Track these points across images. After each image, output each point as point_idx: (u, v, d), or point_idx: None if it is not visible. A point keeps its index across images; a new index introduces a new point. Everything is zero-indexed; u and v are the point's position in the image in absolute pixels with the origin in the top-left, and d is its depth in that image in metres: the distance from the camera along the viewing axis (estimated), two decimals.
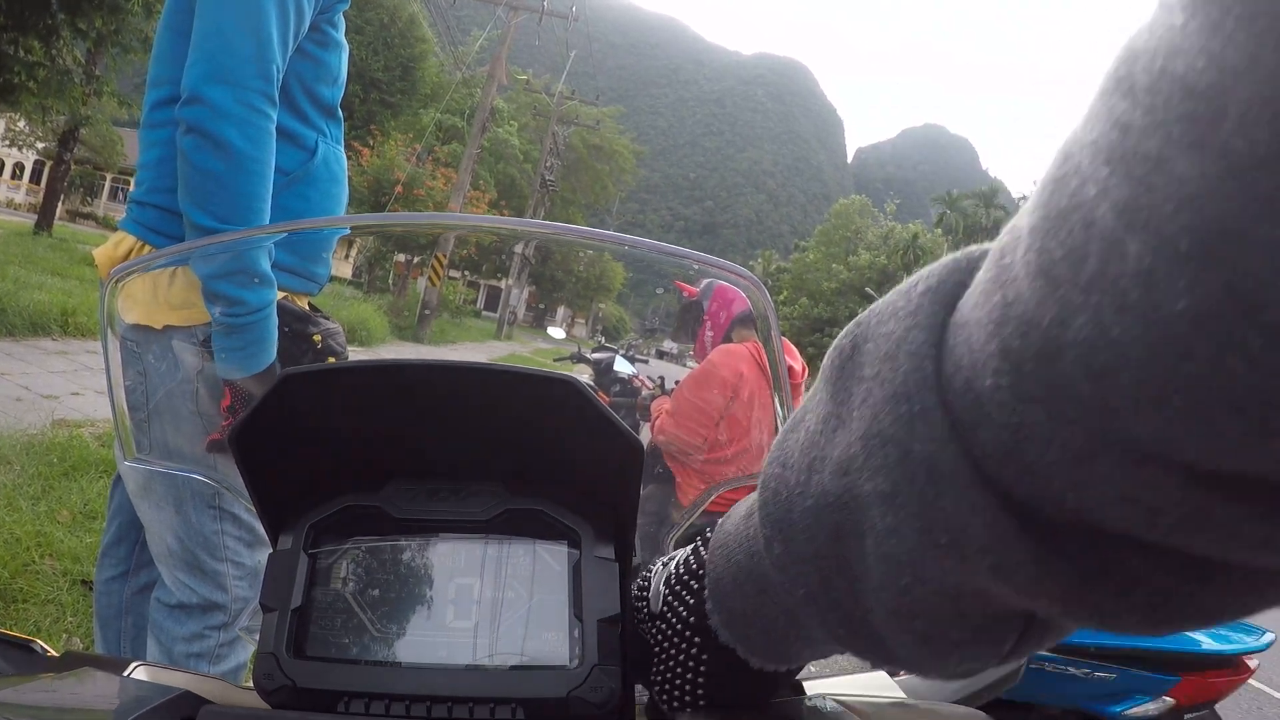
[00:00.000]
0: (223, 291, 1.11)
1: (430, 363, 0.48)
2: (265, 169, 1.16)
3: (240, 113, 1.12)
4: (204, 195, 1.14)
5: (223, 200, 1.13)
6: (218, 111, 1.12)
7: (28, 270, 8.25)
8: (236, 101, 1.12)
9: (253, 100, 1.14)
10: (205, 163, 1.13)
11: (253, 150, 1.14)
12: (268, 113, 1.16)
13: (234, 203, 1.14)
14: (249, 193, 1.14)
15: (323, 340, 1.28)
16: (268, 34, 1.14)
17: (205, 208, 1.14)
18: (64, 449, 3.44)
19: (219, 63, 1.13)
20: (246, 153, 1.13)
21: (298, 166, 1.30)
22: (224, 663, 1.33)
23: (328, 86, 1.34)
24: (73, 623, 2.23)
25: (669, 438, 2.36)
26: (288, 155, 1.28)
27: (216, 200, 1.14)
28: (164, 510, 1.29)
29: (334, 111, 1.38)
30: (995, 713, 0.54)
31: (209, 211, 1.14)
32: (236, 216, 1.14)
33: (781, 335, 0.58)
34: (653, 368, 5.74)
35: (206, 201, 1.14)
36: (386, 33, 26.90)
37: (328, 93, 1.34)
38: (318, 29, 1.28)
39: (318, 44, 1.29)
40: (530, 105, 34.89)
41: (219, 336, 1.14)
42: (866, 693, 0.57)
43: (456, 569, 0.49)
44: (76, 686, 0.48)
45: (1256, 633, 2.13)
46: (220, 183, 1.13)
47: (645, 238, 0.52)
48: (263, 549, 1.34)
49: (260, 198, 1.16)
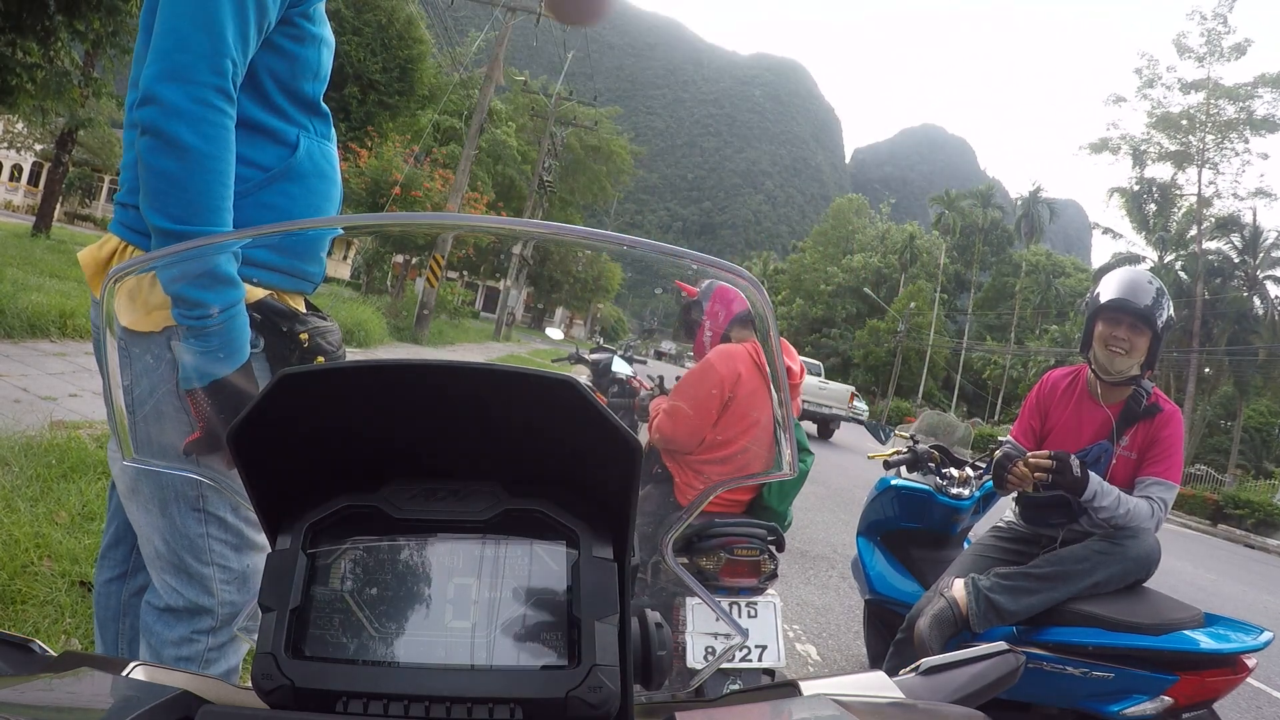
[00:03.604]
0: (183, 294, 1.07)
1: (428, 363, 0.48)
2: (223, 166, 1.14)
3: (194, 110, 1.10)
4: (160, 197, 1.11)
5: (178, 201, 1.11)
6: (171, 110, 1.09)
7: (26, 272, 8.24)
8: (190, 99, 1.10)
9: (207, 96, 1.11)
10: (160, 163, 1.10)
11: (208, 147, 1.11)
12: (223, 108, 1.13)
13: (190, 202, 1.11)
14: (206, 191, 1.11)
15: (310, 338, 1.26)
16: (221, 29, 1.12)
17: (162, 209, 1.11)
18: (62, 450, 3.43)
19: (172, 61, 1.10)
20: (202, 150, 1.10)
21: (278, 163, 1.28)
22: (213, 667, 1.32)
23: (309, 82, 1.32)
24: (71, 624, 2.23)
25: (667, 437, 2.36)
26: (266, 151, 1.27)
27: (172, 201, 1.11)
28: (150, 512, 1.28)
29: (317, 107, 1.36)
30: (994, 712, 0.54)
31: (166, 213, 1.11)
32: (195, 217, 1.11)
33: (780, 335, 0.58)
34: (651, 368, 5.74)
35: (163, 203, 1.11)
36: (384, 34, 26.83)
37: (309, 88, 1.33)
38: (291, 23, 1.26)
39: (292, 39, 1.27)
40: (528, 106, 34.83)
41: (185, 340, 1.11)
42: (865, 693, 0.57)
43: (455, 569, 0.49)
44: (75, 686, 0.48)
45: (1255, 632, 2.14)
46: (175, 183, 1.10)
47: (643, 238, 0.52)
48: (250, 553, 1.33)
49: (219, 196, 1.13)
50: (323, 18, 1.35)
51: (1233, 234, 34.18)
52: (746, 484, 1.72)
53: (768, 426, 0.62)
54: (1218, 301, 33.27)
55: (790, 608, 4.34)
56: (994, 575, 2.30)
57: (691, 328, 2.48)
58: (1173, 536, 13.55)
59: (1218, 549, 14.71)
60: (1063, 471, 2.22)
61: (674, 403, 2.52)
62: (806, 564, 5.55)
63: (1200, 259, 33.83)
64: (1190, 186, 35.49)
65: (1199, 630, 2.13)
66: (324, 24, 1.35)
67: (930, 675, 0.60)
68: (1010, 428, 2.72)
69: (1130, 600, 2.24)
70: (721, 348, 2.27)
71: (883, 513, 3.18)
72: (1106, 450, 2.36)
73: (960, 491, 3.02)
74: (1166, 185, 36.32)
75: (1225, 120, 34.03)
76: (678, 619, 2.15)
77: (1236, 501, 19.91)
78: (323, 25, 1.34)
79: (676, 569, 0.61)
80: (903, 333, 48.30)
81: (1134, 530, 2.25)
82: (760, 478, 0.70)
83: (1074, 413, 2.47)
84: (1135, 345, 2.31)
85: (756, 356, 2.03)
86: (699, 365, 2.41)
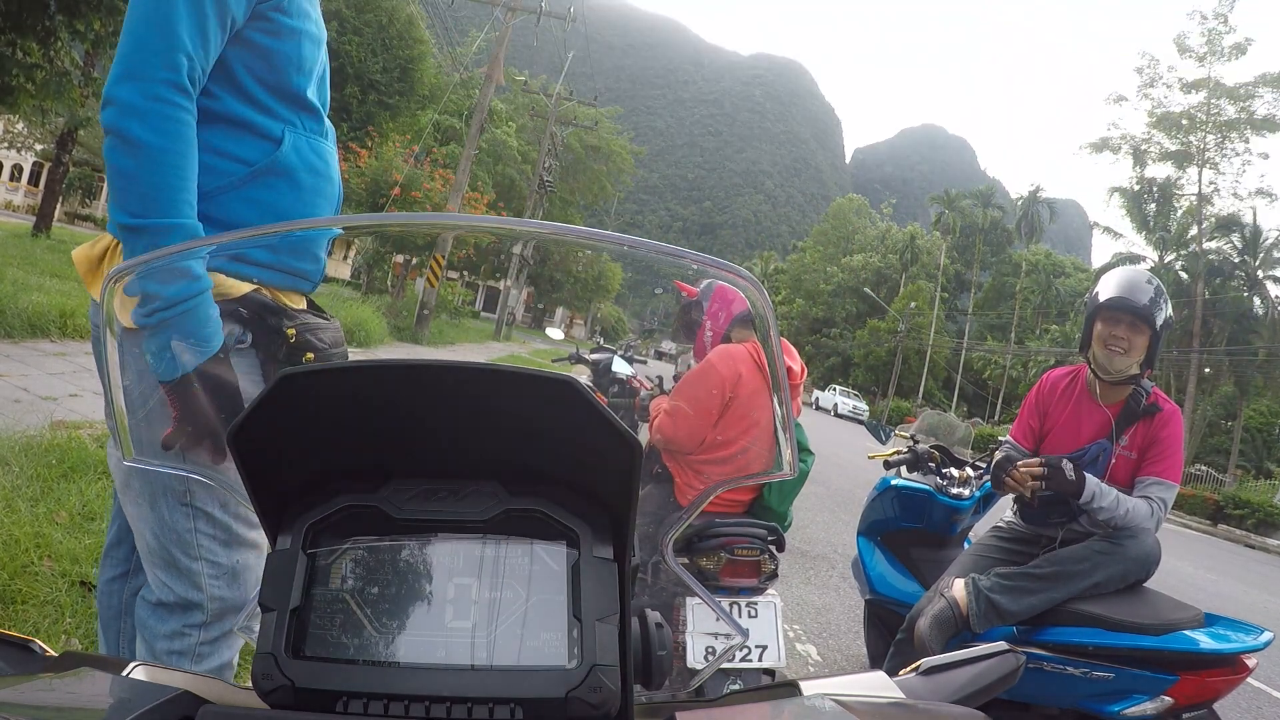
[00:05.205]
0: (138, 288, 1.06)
1: (429, 363, 0.48)
2: (179, 159, 1.15)
3: (145, 106, 1.12)
4: (119, 194, 1.13)
5: (133, 195, 1.13)
6: (125, 109, 1.12)
7: (26, 272, 8.25)
8: (142, 95, 1.12)
9: (160, 92, 1.13)
10: (117, 161, 1.13)
11: (161, 141, 1.13)
12: (177, 102, 1.15)
13: (144, 196, 1.12)
14: (161, 185, 1.13)
15: (298, 334, 1.26)
16: (173, 26, 1.14)
17: (121, 205, 1.13)
18: (62, 450, 3.43)
19: (127, 61, 1.13)
20: (154, 144, 1.12)
21: (263, 157, 1.29)
22: (206, 661, 1.32)
23: (293, 76, 1.32)
24: (71, 624, 2.23)
25: (667, 437, 2.36)
26: (249, 145, 1.28)
27: (128, 196, 1.13)
28: (141, 506, 1.29)
29: (306, 102, 1.36)
30: (994, 712, 0.54)
31: (124, 208, 1.13)
32: (150, 210, 1.12)
33: (780, 335, 0.58)
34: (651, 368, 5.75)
35: (122, 199, 1.13)
36: (384, 34, 26.86)
37: (295, 82, 1.33)
38: (264, 18, 1.27)
39: (265, 33, 1.28)
40: (528, 106, 34.83)
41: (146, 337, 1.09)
42: (865, 693, 0.57)
43: (455, 569, 0.49)
44: (75, 686, 0.48)
45: (1255, 632, 2.13)
46: (131, 179, 1.12)
47: (643, 238, 0.52)
48: (240, 549, 1.33)
49: (175, 189, 1.14)
50: (304, 12, 1.33)
51: (1233, 234, 34.15)
52: (747, 484, 1.72)
53: (768, 427, 0.62)
54: (1218, 301, 33.26)
55: (790, 608, 4.34)
56: (994, 575, 2.30)
57: (691, 328, 2.47)
58: (1173, 536, 13.54)
59: (1218, 549, 14.70)
60: (1054, 477, 2.22)
61: (674, 403, 2.51)
62: (806, 564, 5.55)
63: (1200, 259, 33.81)
64: (1190, 186, 35.49)
65: (1199, 630, 2.13)
66: (305, 18, 1.34)
67: (930, 675, 0.60)
68: (1010, 427, 2.72)
69: (1130, 600, 2.24)
70: (722, 348, 2.27)
71: (883, 513, 3.18)
72: (1105, 449, 2.36)
73: (960, 491, 3.02)
74: (1167, 185, 36.29)
75: (1225, 120, 34.00)
76: (678, 619, 2.15)
77: (1237, 501, 19.90)
78: (303, 19, 1.33)
79: (677, 569, 0.61)
80: (903, 333, 48.29)
81: (1134, 530, 2.25)
82: (761, 478, 0.70)
83: (1073, 412, 2.47)
84: (1134, 344, 2.31)
85: (757, 356, 2.03)
86: (699, 365, 2.41)
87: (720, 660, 0.73)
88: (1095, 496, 2.21)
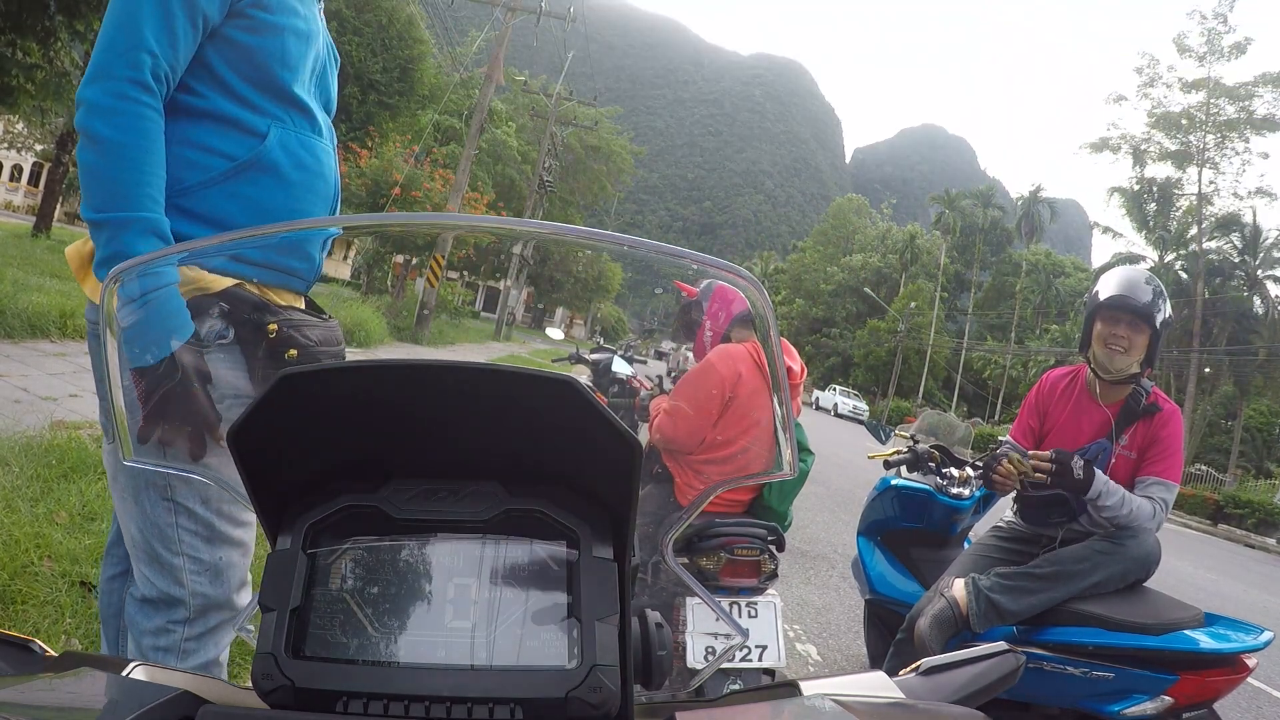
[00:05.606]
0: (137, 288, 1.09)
1: (429, 363, 0.48)
2: (140, 154, 1.18)
3: (108, 103, 1.16)
4: (85, 190, 1.17)
5: (98, 191, 1.16)
6: (91, 109, 1.16)
7: (26, 272, 8.24)
8: (106, 94, 1.16)
9: (122, 90, 1.16)
10: (83, 158, 1.17)
11: (122, 137, 1.16)
12: (139, 99, 1.17)
13: (106, 191, 1.16)
14: (122, 180, 1.16)
15: (280, 329, 1.25)
16: (137, 25, 1.17)
17: (87, 201, 1.17)
18: (62, 450, 3.43)
19: (96, 63, 1.18)
20: (115, 140, 1.16)
21: (246, 152, 1.29)
22: (192, 658, 1.32)
23: (280, 71, 1.32)
24: (71, 624, 2.22)
25: (667, 437, 2.36)
26: (231, 140, 1.29)
27: (91, 192, 1.17)
28: (126, 500, 1.30)
29: (292, 98, 1.35)
30: (994, 712, 0.54)
31: (88, 204, 1.17)
32: (112, 205, 1.15)
33: (780, 335, 0.58)
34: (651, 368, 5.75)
35: (88, 195, 1.17)
36: (385, 34, 26.83)
37: (281, 77, 1.33)
38: (242, 15, 1.28)
39: (244, 30, 1.28)
40: (528, 106, 34.82)
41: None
42: (865, 693, 0.57)
43: (455, 569, 0.49)
44: (75, 686, 0.48)
45: (1255, 631, 2.13)
46: (93, 174, 1.17)
47: (643, 238, 0.52)
48: (223, 546, 1.32)
49: (136, 183, 1.17)
50: (289, 8, 1.33)
51: (1233, 234, 34.17)
52: (747, 484, 1.72)
53: (768, 426, 0.62)
54: (1218, 301, 33.26)
55: (790, 608, 4.34)
56: (994, 575, 2.30)
57: (691, 328, 2.47)
58: (1173, 536, 13.54)
59: (1218, 549, 14.71)
60: (1063, 473, 2.22)
61: (674, 403, 2.51)
62: (806, 564, 5.55)
63: (1200, 259, 33.81)
64: (1190, 186, 35.49)
65: (1199, 630, 2.13)
66: (290, 14, 1.33)
67: (930, 675, 0.60)
68: (1010, 427, 2.72)
69: (1130, 600, 2.24)
70: (722, 348, 2.27)
71: (883, 513, 3.18)
72: (1105, 449, 2.36)
73: (960, 491, 3.02)
74: (1167, 185, 36.28)
75: (1225, 120, 34.00)
76: (678, 619, 2.15)
77: (1237, 501, 19.91)
78: (288, 15, 1.33)
79: (676, 569, 0.61)
80: (903, 332, 48.29)
81: (1134, 530, 2.25)
82: (761, 478, 0.70)
83: (1073, 412, 2.47)
84: (1134, 343, 2.31)
85: (757, 356, 2.03)
86: (699, 365, 2.41)
87: (720, 660, 0.73)
88: (1103, 494, 2.21)
